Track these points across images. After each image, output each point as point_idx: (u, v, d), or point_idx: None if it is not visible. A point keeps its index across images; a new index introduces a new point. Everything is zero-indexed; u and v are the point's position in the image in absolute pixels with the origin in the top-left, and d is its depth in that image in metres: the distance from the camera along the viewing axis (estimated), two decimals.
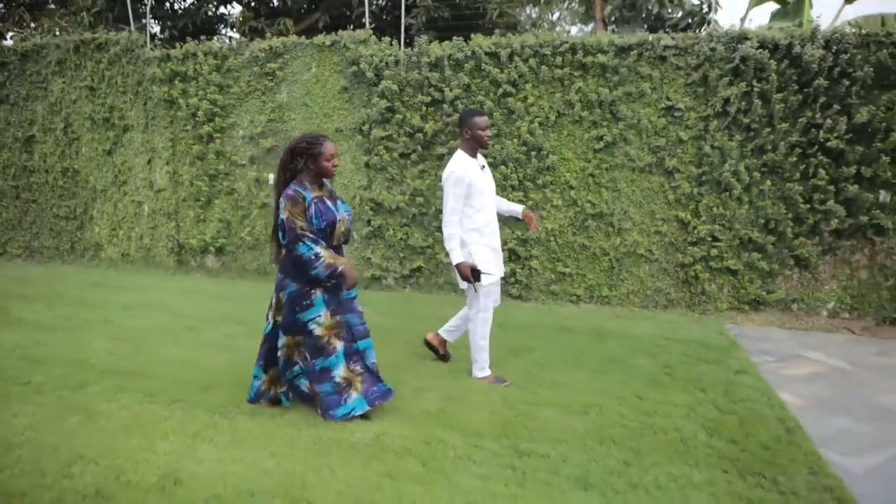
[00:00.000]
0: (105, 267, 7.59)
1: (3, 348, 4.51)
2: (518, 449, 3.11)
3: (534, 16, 9.35)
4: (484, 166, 3.94)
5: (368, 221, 6.67)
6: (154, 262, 7.51)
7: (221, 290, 6.51)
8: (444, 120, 6.32)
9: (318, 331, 3.29)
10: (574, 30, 12.16)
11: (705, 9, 8.67)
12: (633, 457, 3.08)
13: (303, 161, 3.30)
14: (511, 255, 6.29)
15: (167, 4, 9.13)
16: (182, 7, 9.22)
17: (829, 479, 2.99)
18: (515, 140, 6.16)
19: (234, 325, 5.28)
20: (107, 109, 7.30)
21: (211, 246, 7.25)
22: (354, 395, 3.35)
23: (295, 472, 2.82)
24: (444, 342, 4.32)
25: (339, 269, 3.22)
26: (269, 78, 6.81)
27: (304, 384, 3.42)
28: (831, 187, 5.48)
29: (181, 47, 6.95)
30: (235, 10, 10.13)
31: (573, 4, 10.11)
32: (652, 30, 9.22)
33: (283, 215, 3.21)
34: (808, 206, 5.56)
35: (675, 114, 5.80)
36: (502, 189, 6.19)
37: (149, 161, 7.30)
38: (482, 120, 3.83)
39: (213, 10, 9.67)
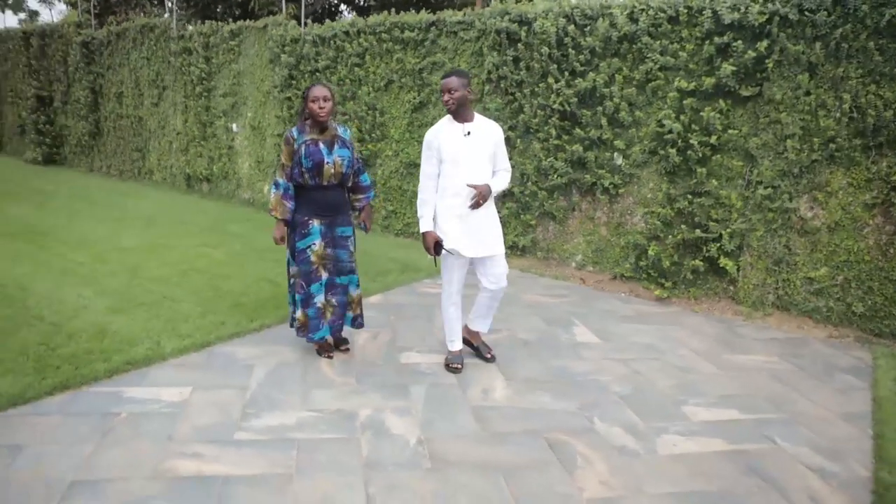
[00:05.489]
0: (152, 186, 10.81)
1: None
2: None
3: None
4: (470, 133, 3.53)
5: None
6: (176, 184, 10.51)
7: (166, 198, 9.20)
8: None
9: (311, 258, 3.62)
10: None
11: None
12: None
13: (304, 108, 3.59)
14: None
15: None
16: None
17: None
18: (362, 102, 7.61)
19: (143, 222, 7.84)
20: (154, 73, 10.37)
21: (200, 175, 9.97)
22: (325, 323, 3.78)
23: None
24: (475, 333, 4.06)
25: (276, 216, 3.61)
26: (233, 52, 9.13)
27: (297, 312, 3.78)
28: (573, 147, 6.01)
29: (190, 29, 9.64)
30: None
31: None
32: None
33: None
34: (549, 163, 6.17)
35: None
36: None
37: (174, 112, 10.23)
38: (442, 83, 3.51)
39: None
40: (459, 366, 3.86)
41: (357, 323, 3.96)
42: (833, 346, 4.63)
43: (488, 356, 4.00)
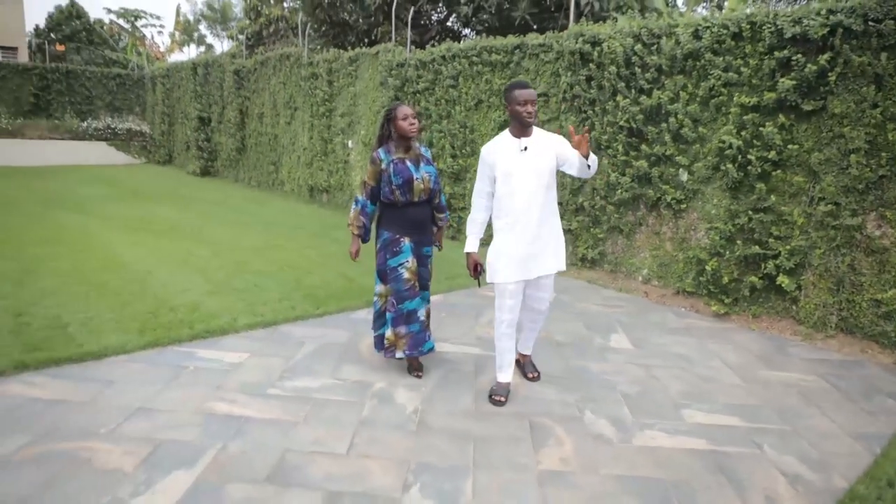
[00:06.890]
0: (281, 196, 12.19)
1: (149, 216, 9.24)
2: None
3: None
4: (526, 148, 3.33)
5: None
6: (301, 195, 11.78)
7: (290, 207, 10.34)
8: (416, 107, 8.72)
9: (405, 275, 3.65)
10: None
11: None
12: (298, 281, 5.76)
13: (388, 127, 3.64)
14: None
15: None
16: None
17: None
18: (455, 120, 8.20)
19: (264, 226, 8.99)
20: (288, 96, 11.77)
21: (321, 186, 11.12)
22: (430, 335, 3.87)
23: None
24: (523, 356, 3.98)
25: (352, 232, 3.77)
26: (351, 77, 10.17)
27: (387, 332, 3.77)
28: (639, 163, 6.14)
29: (316, 56, 10.86)
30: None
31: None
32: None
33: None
34: (616, 178, 6.32)
35: (542, 99, 7.08)
36: (439, 158, 8.32)
37: (302, 129, 11.51)
38: (522, 93, 3.27)
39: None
40: (503, 399, 3.57)
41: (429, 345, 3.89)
42: (894, 372, 4.39)
43: (530, 376, 3.89)
